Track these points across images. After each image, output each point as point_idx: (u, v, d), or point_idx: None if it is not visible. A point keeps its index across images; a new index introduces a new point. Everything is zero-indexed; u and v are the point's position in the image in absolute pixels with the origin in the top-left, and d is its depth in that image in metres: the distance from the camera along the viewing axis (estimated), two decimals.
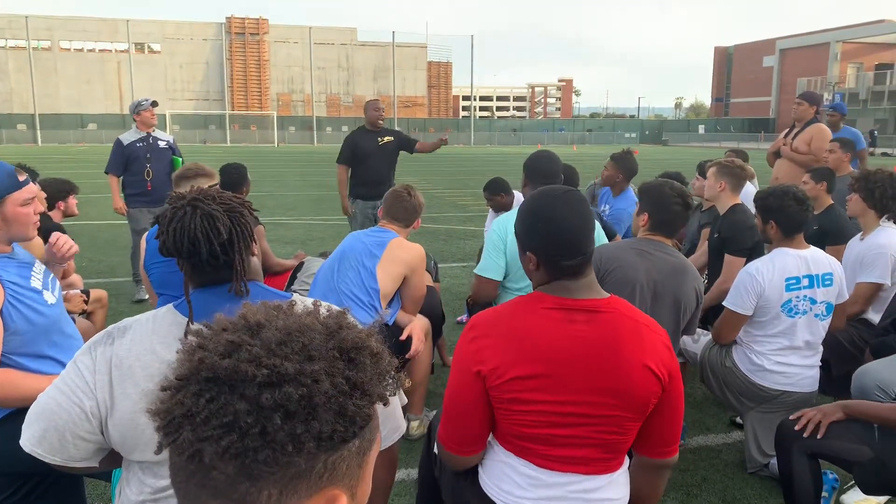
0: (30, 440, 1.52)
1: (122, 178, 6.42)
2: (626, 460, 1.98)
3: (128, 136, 6.42)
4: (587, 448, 1.84)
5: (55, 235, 2.69)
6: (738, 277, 3.32)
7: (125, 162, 6.34)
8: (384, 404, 0.78)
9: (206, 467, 0.68)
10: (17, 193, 2.24)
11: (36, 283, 2.27)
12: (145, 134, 6.37)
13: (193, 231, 1.53)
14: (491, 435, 1.97)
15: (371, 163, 6.51)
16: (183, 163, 6.41)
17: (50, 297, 2.30)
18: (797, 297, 3.21)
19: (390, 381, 0.78)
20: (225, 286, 1.60)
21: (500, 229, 3.42)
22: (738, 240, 3.96)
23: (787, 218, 3.25)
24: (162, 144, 6.45)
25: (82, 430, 1.52)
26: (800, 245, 3.30)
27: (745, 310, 3.25)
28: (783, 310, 3.21)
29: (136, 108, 6.39)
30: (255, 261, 1.75)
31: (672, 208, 3.06)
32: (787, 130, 6.62)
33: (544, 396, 1.79)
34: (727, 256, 3.99)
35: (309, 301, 0.89)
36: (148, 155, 6.32)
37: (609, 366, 1.78)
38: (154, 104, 6.48)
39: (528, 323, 1.83)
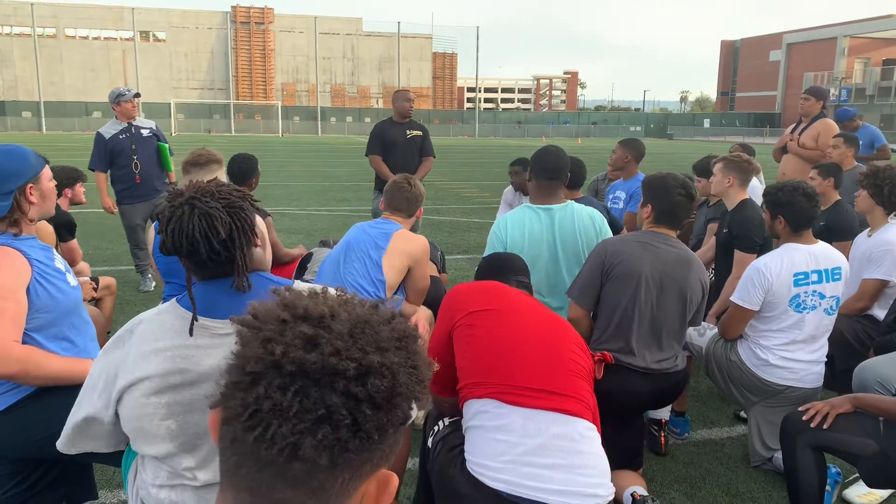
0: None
1: (108, 173, 6.16)
2: (599, 435, 2.17)
3: (109, 129, 6.12)
4: (550, 377, 2.11)
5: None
6: (746, 272, 3.31)
7: (110, 156, 6.06)
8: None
9: (294, 459, 0.69)
10: (46, 170, 2.36)
11: (59, 265, 2.31)
12: (127, 124, 6.10)
13: (192, 232, 1.52)
14: (467, 416, 2.17)
15: (399, 155, 6.33)
16: (170, 149, 6.29)
17: (72, 280, 2.34)
18: (805, 292, 3.21)
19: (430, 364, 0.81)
20: (228, 280, 1.61)
21: (500, 228, 3.46)
22: (749, 236, 3.94)
23: (796, 213, 3.24)
24: (146, 133, 6.18)
25: (114, 435, 1.66)
26: (808, 240, 3.30)
27: (752, 305, 3.25)
28: (791, 305, 3.21)
29: (117, 98, 6.06)
30: (259, 251, 1.75)
31: (675, 199, 3.05)
32: (793, 126, 6.60)
33: (500, 320, 2.21)
34: (738, 253, 3.97)
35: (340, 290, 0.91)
36: (133, 146, 6.06)
37: (554, 316, 2.39)
38: (137, 95, 6.22)
39: (498, 283, 2.44)
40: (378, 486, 0.76)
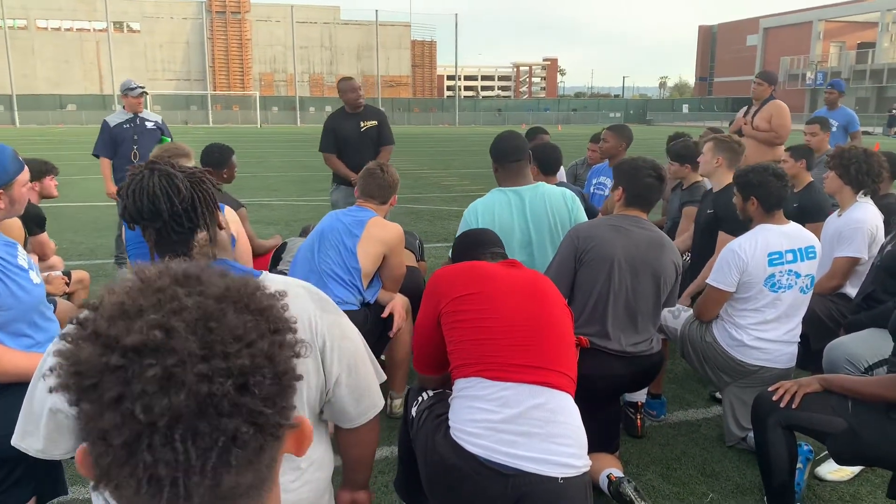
0: (32, 447, 1.57)
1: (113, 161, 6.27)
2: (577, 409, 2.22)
3: (114, 118, 6.32)
4: (535, 353, 2.17)
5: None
6: (721, 254, 3.34)
7: (113, 144, 6.21)
8: None
9: (216, 491, 0.62)
10: (22, 175, 2.30)
11: (22, 261, 2.27)
12: (132, 115, 6.27)
13: (152, 189, 1.52)
14: (454, 390, 2.23)
15: (352, 150, 5.79)
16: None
17: (35, 278, 2.30)
18: (780, 271, 3.24)
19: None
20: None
21: (471, 215, 3.47)
22: (737, 219, 3.94)
23: (767, 194, 3.27)
24: (150, 125, 6.34)
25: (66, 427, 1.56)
26: (780, 221, 3.33)
27: (728, 286, 3.27)
28: (766, 285, 3.24)
29: (126, 91, 6.26)
30: (224, 235, 1.71)
31: (645, 181, 3.08)
32: (745, 109, 6.72)
33: (484, 304, 2.25)
34: (722, 235, 3.96)
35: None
36: (135, 137, 6.22)
37: (537, 288, 2.36)
38: (144, 93, 6.39)
39: (478, 262, 2.47)
40: (295, 438, 0.72)
